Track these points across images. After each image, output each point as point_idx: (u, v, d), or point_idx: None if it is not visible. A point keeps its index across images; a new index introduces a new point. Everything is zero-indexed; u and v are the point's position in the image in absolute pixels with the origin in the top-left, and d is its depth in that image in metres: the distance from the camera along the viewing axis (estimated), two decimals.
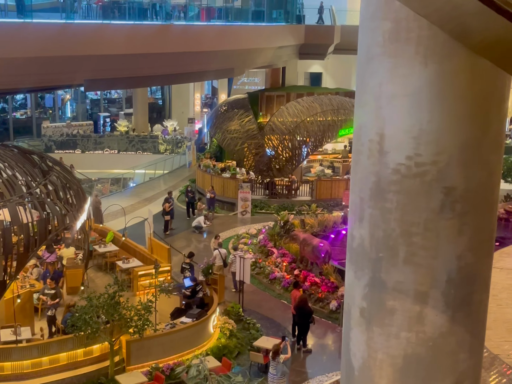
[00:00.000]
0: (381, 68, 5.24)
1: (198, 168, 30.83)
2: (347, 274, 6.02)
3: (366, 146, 5.47)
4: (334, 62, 44.22)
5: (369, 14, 5.31)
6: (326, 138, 29.91)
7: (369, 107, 5.40)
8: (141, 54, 22.17)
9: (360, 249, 5.70)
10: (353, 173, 5.77)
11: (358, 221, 5.68)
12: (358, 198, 5.65)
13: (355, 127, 5.68)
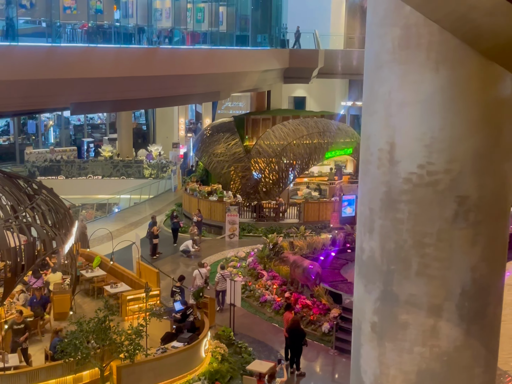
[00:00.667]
0: (391, 75, 5.14)
1: (184, 192, 30.62)
2: (356, 288, 5.85)
3: (375, 155, 5.35)
4: (317, 86, 44.42)
5: (377, 21, 5.22)
6: (312, 161, 29.89)
7: (379, 115, 5.29)
8: (127, 77, 22.07)
9: (371, 262, 5.54)
10: (362, 184, 5.64)
11: (368, 233, 5.53)
12: (368, 209, 5.51)
13: (363, 136, 5.56)
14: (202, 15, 30.07)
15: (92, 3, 23.45)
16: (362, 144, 5.60)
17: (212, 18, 29.94)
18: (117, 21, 25.08)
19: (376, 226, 5.43)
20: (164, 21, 27.63)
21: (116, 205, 37.45)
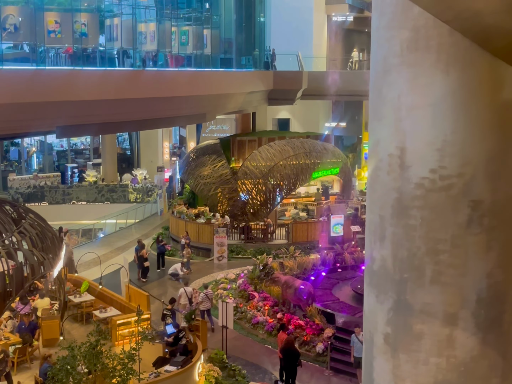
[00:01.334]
0: (400, 79, 5.04)
1: (171, 215, 30.37)
2: (367, 299, 5.68)
3: (385, 161, 5.22)
4: (301, 108, 44.60)
5: (384, 24, 5.14)
6: (299, 181, 29.83)
7: (388, 120, 5.18)
8: (113, 99, 21.93)
9: (382, 271, 5.39)
10: (371, 192, 5.50)
11: (378, 241, 5.39)
12: (378, 217, 5.37)
13: (372, 142, 5.44)
14: (186, 38, 30.09)
15: (76, 26, 23.35)
16: (371, 151, 5.47)
17: (196, 41, 29.94)
18: (101, 46, 25.00)
19: (388, 233, 5.29)
20: (149, 44, 27.59)
21: (101, 231, 37.07)
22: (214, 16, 31.80)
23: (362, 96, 41.79)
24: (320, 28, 45.96)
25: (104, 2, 25.17)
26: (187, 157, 33.26)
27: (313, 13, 44.31)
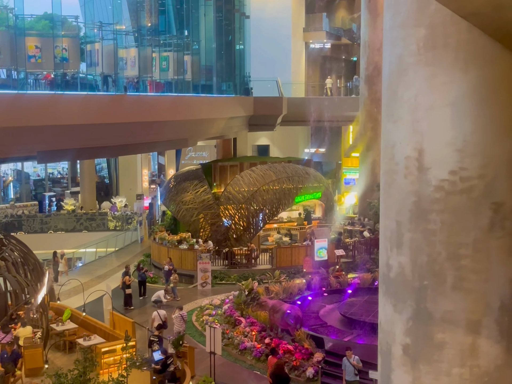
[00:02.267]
0: (416, 78, 4.91)
1: (153, 241, 29.94)
2: (383, 309, 5.47)
3: (402, 164, 5.06)
4: (280, 134, 44.72)
5: (399, 23, 5.01)
6: (282, 206, 29.66)
7: (404, 121, 5.02)
8: (95, 124, 21.67)
9: (400, 279, 5.19)
10: (386, 197, 5.32)
11: (395, 248, 5.20)
12: (395, 223, 5.18)
13: (385, 146, 5.28)
14: (167, 63, 30.02)
15: (57, 51, 23.13)
16: (384, 155, 5.30)
17: (177, 66, 29.88)
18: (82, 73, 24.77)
19: (406, 239, 5.10)
20: (129, 69, 27.46)
21: (79, 260, 36.45)
22: (195, 42, 31.84)
23: (341, 122, 42.07)
24: (299, 55, 46.31)
25: (85, 27, 25.00)
26: (168, 183, 32.96)
27: (291, 40, 44.65)
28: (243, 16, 35.65)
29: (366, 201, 32.38)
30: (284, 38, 43.63)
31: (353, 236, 30.99)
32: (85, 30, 25.17)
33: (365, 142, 33.61)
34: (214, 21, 32.54)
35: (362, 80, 33.64)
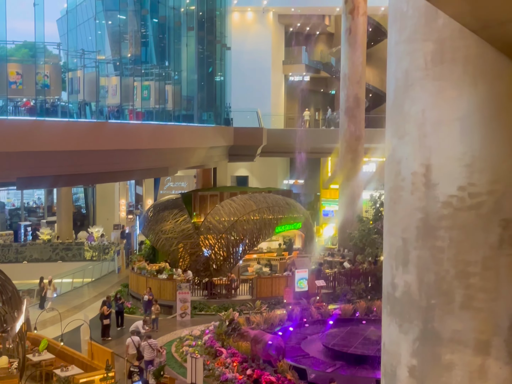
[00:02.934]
0: (424, 93, 4.83)
1: (131, 271, 29.52)
2: (388, 330, 5.31)
3: (408, 180, 4.95)
4: (259, 165, 44.82)
5: (405, 37, 4.95)
6: (263, 236, 29.51)
7: (411, 136, 4.93)
8: (76, 151, 21.45)
9: (406, 298, 5.05)
10: (391, 214, 5.20)
11: (401, 266, 5.06)
12: (401, 240, 5.06)
13: (391, 162, 5.18)
14: (148, 92, 29.97)
15: (38, 78, 22.97)
16: (390, 171, 5.21)
17: (158, 96, 29.86)
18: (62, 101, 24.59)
19: (412, 257, 4.97)
20: (111, 98, 27.37)
21: (55, 291, 35.75)
22: (176, 72, 31.89)
23: (319, 154, 42.32)
24: (278, 87, 46.69)
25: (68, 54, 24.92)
26: (148, 212, 32.68)
27: (271, 73, 45.01)
28: (224, 47, 35.89)
29: (346, 232, 32.36)
30: (264, 70, 43.99)
31: (333, 267, 30.89)
32: (67, 58, 25.03)
33: (345, 173, 33.73)
34: (195, 51, 32.67)
35: (342, 111, 33.90)
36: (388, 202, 5.25)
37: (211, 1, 35.29)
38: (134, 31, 30.92)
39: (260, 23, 44.64)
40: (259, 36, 44.22)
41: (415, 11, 4.84)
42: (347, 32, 33.45)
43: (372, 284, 29.67)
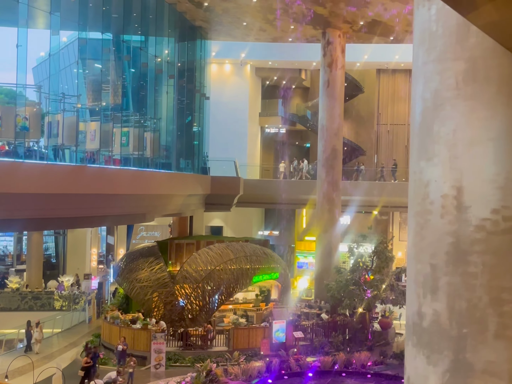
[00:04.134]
0: (455, 113, 4.71)
1: (104, 321, 28.67)
2: (413, 363, 5.04)
3: (438, 203, 4.78)
4: (234, 215, 44.58)
5: (434, 57, 4.85)
6: (240, 285, 29.02)
7: (441, 158, 4.79)
8: (52, 194, 20.93)
9: (435, 328, 4.81)
10: (418, 240, 5.00)
11: (429, 294, 4.84)
12: (429, 267, 4.85)
13: (417, 185, 5.01)
14: (127, 139, 29.75)
15: (18, 120, 22.64)
16: (416, 195, 5.03)
17: (136, 142, 29.65)
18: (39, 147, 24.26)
19: (442, 284, 4.76)
20: (89, 143, 27.07)
21: (20, 342, 34.59)
22: (155, 120, 31.80)
23: (294, 205, 42.28)
24: (254, 138, 46.89)
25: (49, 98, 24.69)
26: (122, 260, 32.02)
27: (248, 124, 45.24)
28: (203, 97, 36.03)
29: (323, 283, 32.04)
30: (241, 121, 44.22)
31: (310, 318, 30.45)
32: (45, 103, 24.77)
33: (322, 223, 33.63)
34: (175, 100, 32.71)
35: (320, 163, 34.04)
36: (414, 227, 5.05)
37: (191, 51, 35.58)
38: (113, 79, 30.87)
39: (238, 75, 45.06)
40: (236, 88, 44.58)
41: (445, 30, 4.76)
42: (325, 84, 33.88)
43: (350, 336, 29.27)
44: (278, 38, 36.07)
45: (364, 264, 29.99)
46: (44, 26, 27.09)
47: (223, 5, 30.02)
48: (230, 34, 36.06)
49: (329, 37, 33.43)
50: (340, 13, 30.54)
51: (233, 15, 31.74)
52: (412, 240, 5.11)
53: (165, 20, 31.53)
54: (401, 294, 29.66)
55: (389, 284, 29.45)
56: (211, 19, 32.94)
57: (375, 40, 35.63)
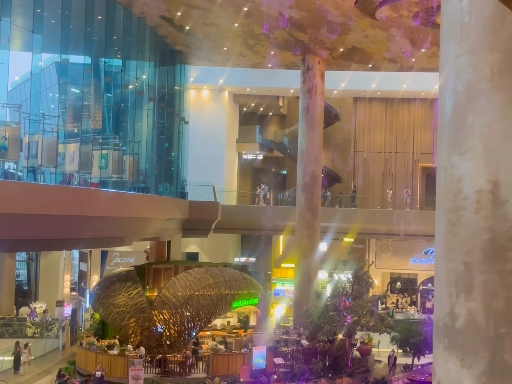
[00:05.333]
0: (490, 105, 4.58)
1: (80, 347, 27.96)
2: (445, 366, 4.81)
3: (472, 198, 4.62)
4: (210, 242, 44.22)
5: (467, 49, 4.73)
6: (219, 311, 28.57)
7: (475, 152, 4.63)
8: (27, 214, 20.25)
9: (470, 328, 4.60)
10: (449, 237, 4.82)
11: (463, 293, 4.64)
12: (462, 265, 4.66)
13: (448, 181, 4.84)
14: (106, 161, 29.37)
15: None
16: (447, 191, 4.86)
17: (115, 165, 29.27)
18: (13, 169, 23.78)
19: (477, 282, 4.57)
20: (68, 165, 26.65)
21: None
22: (134, 143, 31.49)
23: (271, 231, 42.03)
24: (232, 164, 46.77)
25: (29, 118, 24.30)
26: (98, 285, 31.38)
27: (225, 150, 45.15)
28: (183, 121, 35.88)
29: (302, 309, 31.74)
30: (219, 147, 44.12)
31: (288, 345, 30.06)
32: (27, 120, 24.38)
33: (302, 249, 33.44)
34: (154, 124, 32.49)
35: (299, 188, 33.98)
36: (445, 225, 4.87)
37: (170, 76, 35.50)
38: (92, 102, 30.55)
39: (216, 101, 45.06)
40: (214, 114, 44.54)
41: (478, 21, 4.65)
42: (305, 110, 33.98)
43: (330, 363, 28.95)
44: (257, 64, 36.19)
45: (344, 290, 29.82)
46: (20, 48, 26.84)
47: (205, 29, 30.05)
48: (210, 59, 36.10)
49: (308, 63, 33.61)
50: (321, 39, 30.77)
51: (214, 39, 31.78)
52: (442, 239, 4.92)
53: (146, 44, 31.46)
54: (381, 320, 29.52)
55: (369, 310, 29.28)
56: (191, 43, 32.94)
57: (354, 67, 35.95)
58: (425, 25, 27.18)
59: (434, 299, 5.01)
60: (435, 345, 4.93)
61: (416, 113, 45.24)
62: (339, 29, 29.04)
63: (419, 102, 44.75)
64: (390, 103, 45.19)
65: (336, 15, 27.45)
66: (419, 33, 28.21)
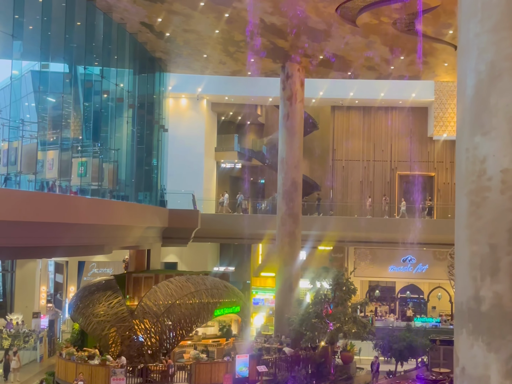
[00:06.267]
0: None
1: (59, 357, 27.44)
2: (470, 352, 4.68)
3: (497, 179, 4.52)
4: (189, 251, 43.93)
5: (489, 27, 4.64)
6: (201, 319, 28.29)
7: (499, 131, 4.54)
8: (5, 221, 19.71)
9: (496, 311, 4.49)
10: (473, 220, 4.72)
11: (489, 276, 4.53)
12: (487, 247, 4.55)
13: (470, 162, 4.74)
14: (85, 169, 28.99)
15: None
16: (469, 173, 4.76)
17: (94, 173, 28.89)
18: None
19: (503, 264, 4.46)
20: (47, 172, 26.25)
21: None
22: (114, 151, 31.15)
23: (250, 240, 41.86)
24: (210, 173, 46.55)
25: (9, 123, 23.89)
26: (77, 294, 30.89)
27: (204, 158, 44.95)
28: (162, 128, 35.64)
29: (283, 317, 31.57)
30: (197, 156, 43.91)
31: (270, 353, 29.84)
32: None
33: (282, 257, 33.30)
34: (134, 131, 32.20)
35: (280, 195, 33.89)
36: (467, 208, 4.77)
37: (150, 83, 35.26)
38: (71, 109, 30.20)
39: (194, 110, 44.86)
40: (192, 122, 44.34)
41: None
42: (285, 117, 33.96)
43: (313, 370, 28.79)
44: (237, 72, 36.13)
45: (326, 297, 29.73)
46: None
47: (185, 36, 29.91)
48: (189, 67, 35.94)
49: (288, 71, 33.63)
50: (301, 46, 30.81)
51: (194, 46, 31.65)
52: (464, 222, 4.82)
53: (125, 51, 31.19)
54: (363, 327, 29.45)
55: (351, 316, 29.21)
56: (171, 50, 32.76)
57: (333, 75, 36.05)
58: (405, 32, 27.38)
59: (455, 284, 4.89)
60: (457, 331, 4.80)
61: (393, 122, 45.52)
62: (319, 35, 29.11)
63: (396, 111, 45.07)
64: (367, 111, 45.42)
65: (317, 21, 27.51)
66: (399, 40, 28.42)
